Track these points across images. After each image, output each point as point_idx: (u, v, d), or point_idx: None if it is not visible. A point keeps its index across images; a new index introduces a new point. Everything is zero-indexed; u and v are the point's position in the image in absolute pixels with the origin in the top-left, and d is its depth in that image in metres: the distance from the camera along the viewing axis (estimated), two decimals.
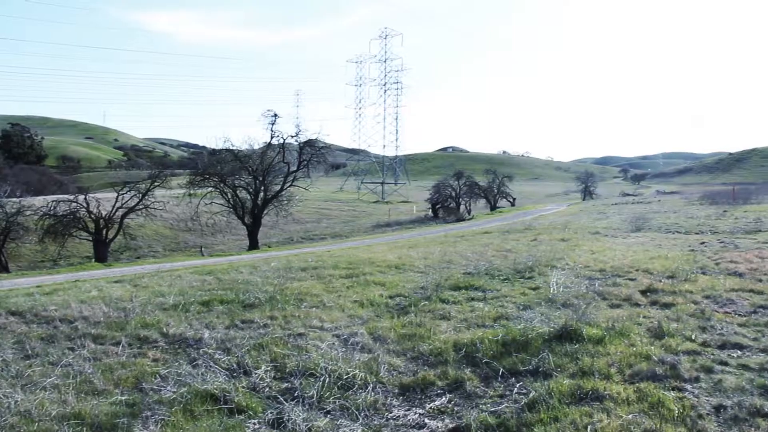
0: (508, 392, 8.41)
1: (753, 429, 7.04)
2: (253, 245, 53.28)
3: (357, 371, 8.91)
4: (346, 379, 8.67)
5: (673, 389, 8.25)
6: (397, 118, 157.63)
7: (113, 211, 47.40)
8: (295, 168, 56.87)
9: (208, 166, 59.96)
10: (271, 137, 56.38)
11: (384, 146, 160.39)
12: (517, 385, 8.54)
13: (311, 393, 8.12)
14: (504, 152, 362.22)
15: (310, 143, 58.12)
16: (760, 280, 16.00)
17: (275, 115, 55.68)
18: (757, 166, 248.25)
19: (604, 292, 14.44)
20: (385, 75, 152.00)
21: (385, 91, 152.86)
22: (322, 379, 8.54)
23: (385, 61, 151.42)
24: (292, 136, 57.72)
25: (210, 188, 54.80)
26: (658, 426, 6.88)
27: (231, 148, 56.76)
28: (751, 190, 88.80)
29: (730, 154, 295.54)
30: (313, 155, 58.16)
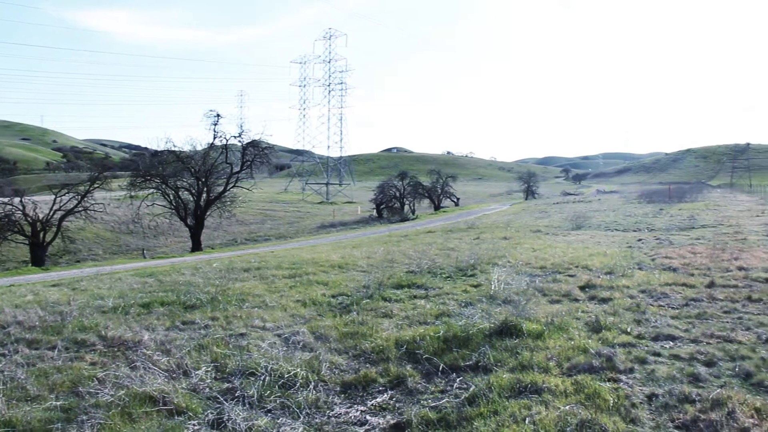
0: (449, 387, 8.50)
1: (681, 415, 7.29)
2: (196, 247, 52.58)
3: (298, 370, 8.88)
4: (288, 377, 8.64)
5: (609, 380, 8.48)
6: (341, 119, 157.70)
7: (51, 213, 46.18)
8: (238, 169, 56.31)
9: (149, 167, 58.94)
10: (214, 138, 55.76)
11: (328, 147, 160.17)
12: (458, 380, 8.66)
13: (252, 392, 8.07)
14: (448, 153, 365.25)
15: (253, 144, 57.65)
16: (692, 275, 16.55)
17: (218, 115, 55.13)
18: (692, 166, 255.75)
19: (544, 289, 14.72)
20: (330, 76, 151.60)
21: (330, 91, 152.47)
22: (263, 378, 8.50)
23: (329, 62, 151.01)
24: (235, 137, 57.19)
25: (152, 190, 53.83)
26: (593, 416, 7.04)
27: (173, 149, 55.89)
28: (685, 189, 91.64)
29: (667, 154, 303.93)
30: (256, 156, 57.66)
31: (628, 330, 10.95)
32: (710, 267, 17.78)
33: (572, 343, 10.04)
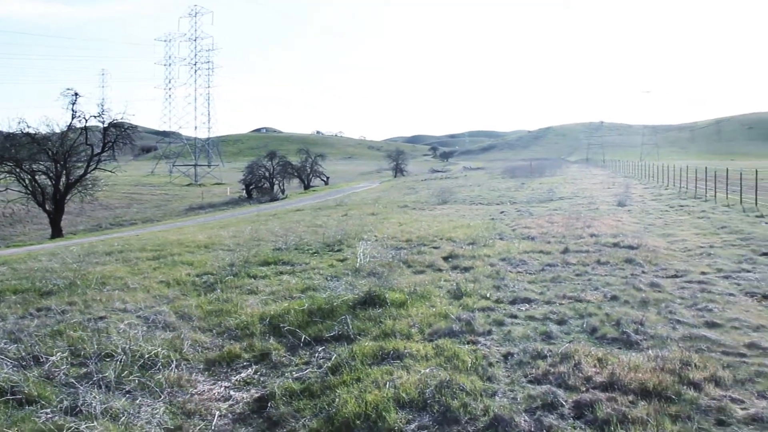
0: (313, 359, 8.56)
1: (534, 370, 7.70)
2: (57, 234, 49.89)
3: (159, 349, 8.66)
4: (148, 358, 8.40)
5: (468, 343, 8.82)
6: (208, 99, 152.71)
7: None
8: (99, 150, 53.77)
9: (1, 150, 55.24)
10: (73, 118, 52.86)
11: (196, 128, 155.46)
12: (322, 351, 8.74)
13: (110, 375, 7.80)
14: (318, 132, 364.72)
15: (115, 124, 55.16)
16: (549, 242, 17.41)
17: (76, 94, 52.18)
18: (552, 143, 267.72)
19: (409, 260, 15.02)
20: (196, 54, 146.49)
21: (196, 71, 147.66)
22: (121, 360, 8.23)
23: (195, 40, 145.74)
24: (95, 116, 54.41)
25: (4, 174, 50.52)
26: (452, 376, 7.28)
27: (28, 130, 52.56)
28: (546, 165, 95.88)
29: (529, 132, 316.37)
30: (118, 137, 55.17)
31: (488, 295, 11.39)
32: (565, 235, 18.74)
33: (434, 310, 10.35)
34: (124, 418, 6.70)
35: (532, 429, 6.25)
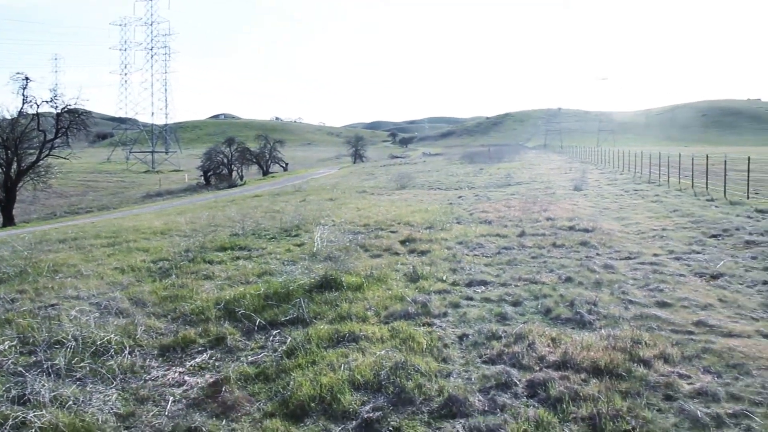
0: (268, 343, 8.52)
1: (489, 350, 7.78)
2: (8, 222, 48.76)
3: (112, 336, 8.52)
4: (100, 345, 8.26)
5: (423, 325, 8.86)
6: (166, 85, 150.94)
7: None
8: (52, 137, 52.64)
9: None
10: (23, 103, 51.61)
11: (153, 114, 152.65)
12: (278, 335, 8.69)
13: (60, 363, 7.65)
14: (277, 118, 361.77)
15: (69, 110, 53.99)
16: (506, 226, 17.56)
17: (27, 78, 50.94)
18: (510, 129, 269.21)
19: (366, 244, 15.01)
20: (152, 39, 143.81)
21: (152, 56, 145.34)
22: (72, 347, 8.08)
23: (151, 24, 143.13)
24: (48, 102, 53.20)
25: None
26: (407, 358, 7.31)
27: None
28: (504, 150, 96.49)
29: (488, 118, 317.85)
30: (72, 122, 54.02)
31: (444, 278, 11.46)
32: (522, 219, 18.92)
33: (390, 293, 10.38)
34: (74, 405, 6.58)
35: (486, 408, 6.30)
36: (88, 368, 7.57)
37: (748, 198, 23.95)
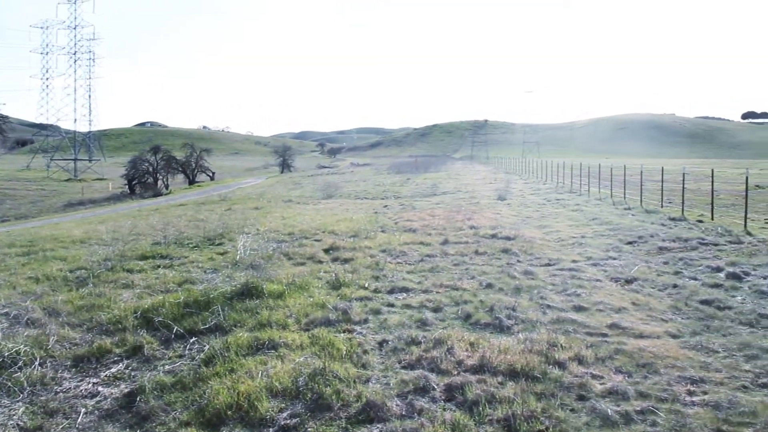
0: (187, 351, 8.36)
1: (408, 356, 7.82)
2: None
3: (22, 347, 8.22)
4: (8, 356, 7.96)
5: (344, 331, 8.86)
6: (90, 91, 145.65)
7: None
8: None
9: None
10: None
11: (76, 120, 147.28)
12: (196, 344, 8.54)
13: None
14: (204, 127, 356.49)
15: None
16: (429, 234, 17.72)
17: None
18: (438, 140, 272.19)
19: (290, 253, 14.93)
20: (75, 44, 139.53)
21: (76, 61, 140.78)
22: None
23: (74, 28, 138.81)
24: None
25: None
26: (326, 364, 7.27)
27: None
28: (431, 161, 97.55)
29: (416, 129, 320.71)
30: None
31: (366, 285, 11.49)
32: (446, 227, 19.14)
33: (312, 300, 10.34)
34: None
35: (404, 413, 6.32)
36: None
37: (662, 207, 24.82)
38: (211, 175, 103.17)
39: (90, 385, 7.46)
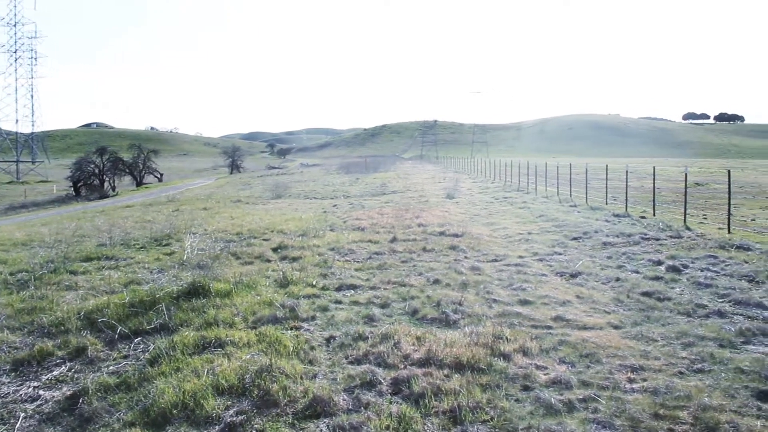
0: (132, 352, 8.25)
1: (355, 351, 7.86)
2: None
3: None
4: None
5: (291, 329, 8.85)
6: (32, 91, 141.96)
7: None
8: None
9: None
10: None
11: (18, 121, 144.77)
12: (142, 344, 8.43)
13: None
14: (152, 128, 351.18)
15: None
16: (378, 232, 17.79)
17: None
18: (388, 140, 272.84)
19: (238, 252, 14.83)
20: (16, 41, 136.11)
21: (16, 59, 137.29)
22: None
23: (15, 26, 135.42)
24: None
25: None
26: (273, 361, 7.25)
27: None
28: (381, 161, 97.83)
29: (365, 129, 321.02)
30: None
31: (314, 283, 11.51)
32: (394, 225, 19.22)
33: (259, 298, 10.31)
34: None
35: (350, 407, 6.35)
36: None
37: (607, 204, 25.35)
38: (159, 176, 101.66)
39: (30, 389, 7.29)
